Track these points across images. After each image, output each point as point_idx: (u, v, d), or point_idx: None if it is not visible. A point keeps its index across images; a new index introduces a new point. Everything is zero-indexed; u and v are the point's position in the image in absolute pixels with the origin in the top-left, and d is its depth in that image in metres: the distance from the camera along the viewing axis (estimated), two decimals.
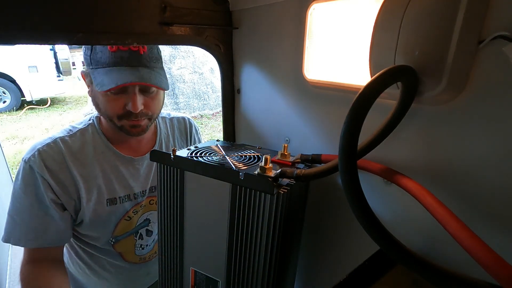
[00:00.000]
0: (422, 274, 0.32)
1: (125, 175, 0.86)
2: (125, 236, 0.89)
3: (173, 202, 0.60)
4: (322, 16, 0.54)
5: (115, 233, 0.87)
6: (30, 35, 0.53)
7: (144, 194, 0.90)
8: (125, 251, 0.91)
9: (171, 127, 1.01)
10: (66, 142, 0.79)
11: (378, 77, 0.34)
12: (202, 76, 6.00)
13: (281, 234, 0.53)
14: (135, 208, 0.88)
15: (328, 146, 0.61)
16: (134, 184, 0.88)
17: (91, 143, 0.83)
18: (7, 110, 5.83)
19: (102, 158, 0.83)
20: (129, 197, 0.87)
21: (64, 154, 0.78)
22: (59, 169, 0.76)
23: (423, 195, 0.35)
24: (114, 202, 0.84)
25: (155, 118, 0.85)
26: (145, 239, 0.93)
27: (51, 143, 0.78)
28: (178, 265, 0.64)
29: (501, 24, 0.32)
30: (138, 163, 0.89)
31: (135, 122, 0.79)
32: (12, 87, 5.75)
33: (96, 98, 0.79)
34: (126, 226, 0.88)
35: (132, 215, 0.88)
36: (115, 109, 0.77)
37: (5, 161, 2.93)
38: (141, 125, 0.81)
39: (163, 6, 0.64)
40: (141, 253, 0.94)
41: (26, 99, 5.88)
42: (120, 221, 0.86)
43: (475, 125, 0.37)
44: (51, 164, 0.76)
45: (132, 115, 0.77)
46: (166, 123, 1.01)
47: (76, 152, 0.80)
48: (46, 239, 0.77)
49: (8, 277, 2.00)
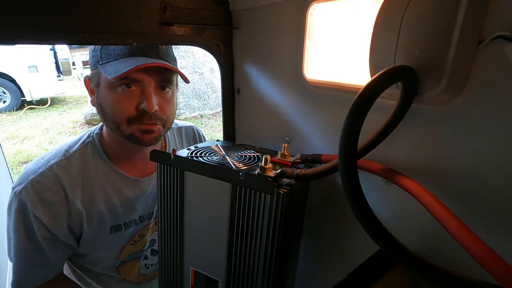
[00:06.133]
0: (422, 274, 0.32)
1: (131, 198, 0.78)
2: (131, 259, 0.84)
3: (173, 202, 0.60)
4: (322, 16, 0.54)
5: (120, 258, 0.81)
6: (30, 35, 0.53)
7: (151, 217, 0.83)
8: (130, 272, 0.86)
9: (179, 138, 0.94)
10: (63, 168, 0.69)
11: (378, 77, 0.34)
12: (202, 76, 5.99)
13: (281, 234, 0.52)
14: (141, 232, 0.82)
15: (328, 146, 0.61)
16: (140, 207, 0.80)
17: (92, 165, 0.73)
18: (7, 110, 5.83)
19: (105, 181, 0.74)
20: (135, 222, 0.80)
21: (62, 183, 0.68)
22: (58, 201, 0.68)
23: (423, 195, 0.35)
24: (119, 229, 0.77)
25: (168, 127, 0.76)
26: (150, 259, 0.89)
27: (45, 171, 0.68)
28: (178, 265, 0.64)
29: (501, 24, 0.32)
30: (145, 183, 0.80)
31: (148, 126, 0.69)
32: (12, 87, 5.74)
33: (103, 101, 0.70)
34: (131, 250, 0.83)
35: (138, 239, 0.82)
36: (126, 110, 0.68)
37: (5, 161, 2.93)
38: (154, 130, 0.71)
39: (163, 6, 0.64)
40: (146, 272, 0.90)
41: (26, 99, 5.87)
42: (125, 246, 0.81)
43: (475, 125, 0.37)
44: (47, 196, 0.66)
45: (145, 117, 0.68)
46: (174, 134, 0.93)
47: (76, 177, 0.70)
48: (38, 277, 0.72)
49: (8, 277, 2.00)
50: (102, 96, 0.70)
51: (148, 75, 0.67)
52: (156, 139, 0.73)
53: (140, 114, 0.68)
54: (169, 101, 0.74)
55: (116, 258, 0.81)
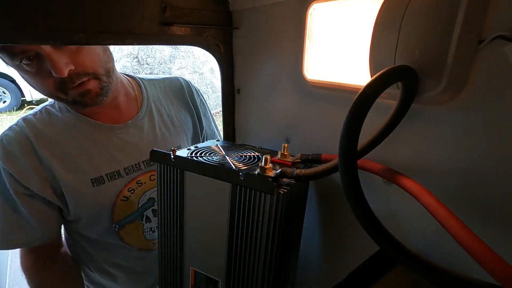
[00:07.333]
0: (422, 274, 0.32)
1: (108, 148, 0.74)
2: (129, 220, 0.79)
3: (173, 202, 0.60)
4: (322, 16, 0.54)
5: (115, 218, 0.77)
6: (30, 35, 0.53)
7: (138, 169, 0.78)
8: (135, 238, 0.81)
9: (162, 88, 0.88)
10: (29, 121, 0.70)
11: (378, 77, 0.34)
12: (202, 76, 5.99)
13: (281, 234, 0.52)
14: (130, 186, 0.77)
15: (328, 146, 0.61)
16: (122, 157, 0.75)
17: (59, 118, 0.71)
18: (7, 110, 5.83)
19: (76, 132, 0.72)
20: (119, 173, 0.75)
21: (28, 135, 0.68)
22: (24, 152, 0.67)
23: (423, 195, 0.35)
24: (101, 181, 0.73)
25: (104, 74, 0.69)
26: (154, 221, 0.83)
27: (13, 125, 0.69)
28: (178, 265, 0.64)
29: (501, 24, 0.32)
30: (121, 131, 0.76)
31: (79, 89, 0.65)
32: (12, 87, 5.74)
33: (29, 82, 0.66)
34: (125, 208, 0.77)
35: (129, 194, 0.77)
36: (45, 83, 0.63)
37: None
38: (90, 89, 0.66)
39: (163, 6, 0.64)
40: (153, 237, 0.84)
41: (26, 99, 5.88)
42: (116, 203, 0.76)
43: (475, 125, 0.37)
44: (14, 148, 0.66)
45: (66, 81, 0.63)
46: (154, 84, 0.88)
47: (42, 129, 0.69)
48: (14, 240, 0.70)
49: (8, 277, 1.99)
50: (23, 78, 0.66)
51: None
52: (99, 95, 0.69)
53: (60, 81, 0.63)
54: (80, 50, 0.64)
55: (111, 218, 0.76)
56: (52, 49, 0.60)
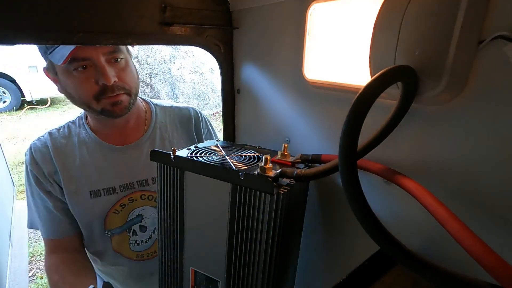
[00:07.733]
0: (422, 274, 0.32)
1: (108, 166, 0.84)
2: (118, 231, 0.88)
3: (173, 202, 0.60)
4: (322, 16, 0.54)
5: (106, 227, 0.86)
6: (30, 35, 0.53)
7: (132, 187, 0.86)
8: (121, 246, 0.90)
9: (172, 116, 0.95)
10: (52, 135, 0.84)
11: (378, 77, 0.34)
12: (202, 76, 5.99)
13: (281, 234, 0.52)
14: (122, 202, 0.86)
15: (328, 146, 0.61)
16: (119, 176, 0.85)
17: (75, 135, 0.85)
18: (7, 110, 5.83)
19: (85, 149, 0.84)
20: (114, 190, 0.84)
21: (48, 146, 0.81)
22: (45, 160, 0.80)
23: (423, 195, 0.35)
24: (98, 194, 0.83)
25: (134, 94, 0.81)
26: (140, 235, 0.91)
27: (41, 136, 0.84)
28: (178, 265, 0.64)
29: (501, 24, 0.32)
30: (122, 152, 0.86)
31: (114, 98, 0.75)
32: (12, 87, 5.74)
33: (67, 87, 0.75)
34: (116, 220, 0.86)
35: (120, 209, 0.86)
36: (89, 90, 0.73)
37: (5, 161, 2.93)
38: (121, 100, 0.77)
39: (163, 6, 0.64)
40: (137, 249, 0.92)
41: (26, 99, 5.88)
42: (108, 214, 0.85)
43: (475, 125, 0.37)
44: (38, 156, 0.81)
45: (108, 90, 0.74)
46: (165, 112, 0.95)
47: (60, 144, 0.83)
48: (53, 231, 0.83)
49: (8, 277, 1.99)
50: (64, 83, 0.75)
51: (94, 49, 0.71)
52: (127, 108, 0.79)
53: (102, 89, 0.74)
54: (125, 69, 0.78)
55: (103, 226, 0.86)
56: (106, 63, 0.73)
